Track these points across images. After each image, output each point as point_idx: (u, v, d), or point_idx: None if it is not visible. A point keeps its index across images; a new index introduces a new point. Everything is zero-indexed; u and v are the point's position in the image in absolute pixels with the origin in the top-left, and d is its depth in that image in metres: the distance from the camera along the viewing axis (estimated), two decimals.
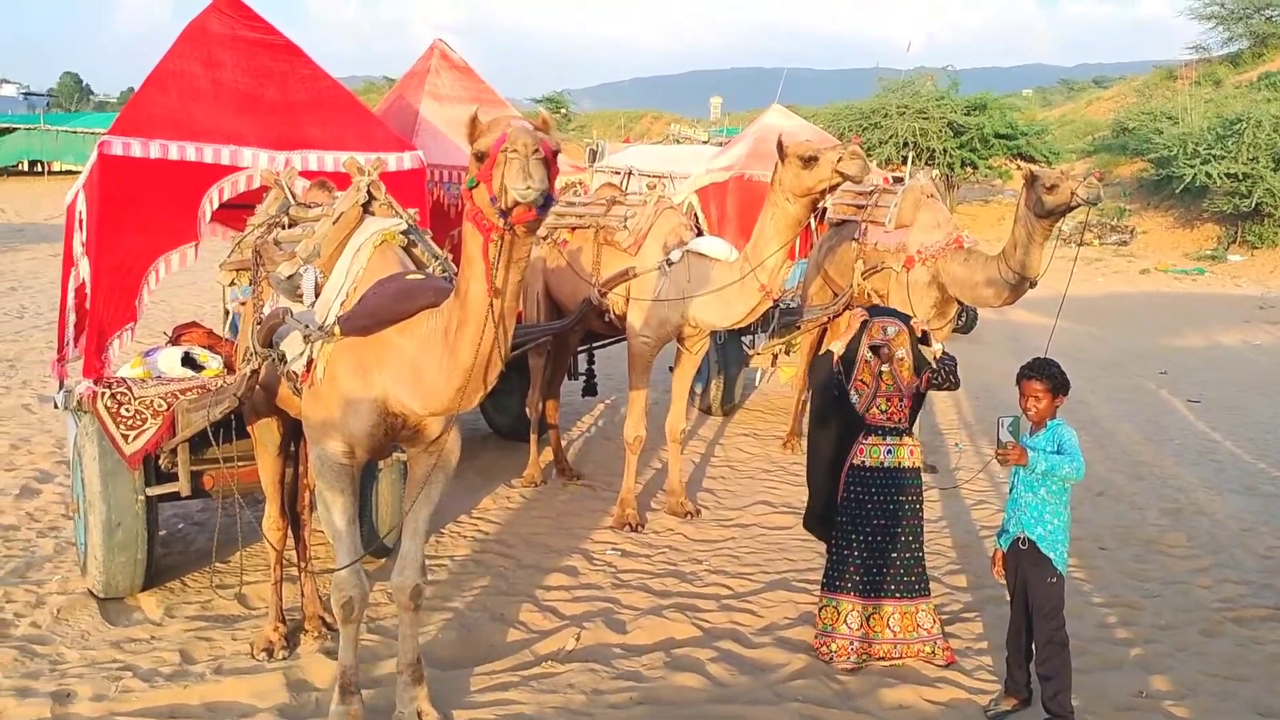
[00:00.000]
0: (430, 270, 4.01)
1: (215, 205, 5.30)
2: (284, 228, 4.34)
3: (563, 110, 72.07)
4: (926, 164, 30.14)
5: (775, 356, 9.98)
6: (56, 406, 5.55)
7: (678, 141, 39.88)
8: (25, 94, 62.05)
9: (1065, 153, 34.00)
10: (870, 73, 35.88)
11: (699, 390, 10.13)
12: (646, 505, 7.20)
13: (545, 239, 7.41)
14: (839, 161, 5.60)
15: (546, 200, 3.09)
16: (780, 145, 5.89)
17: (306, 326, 3.74)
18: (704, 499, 7.53)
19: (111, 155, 4.98)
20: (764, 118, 10.25)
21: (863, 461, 4.88)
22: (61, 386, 5.48)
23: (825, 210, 9.07)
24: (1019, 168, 7.02)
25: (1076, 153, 36.44)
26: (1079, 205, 6.75)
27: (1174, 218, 27.29)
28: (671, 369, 7.21)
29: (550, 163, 3.07)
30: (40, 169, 40.63)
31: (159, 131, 5.13)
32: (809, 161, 5.71)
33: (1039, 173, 6.90)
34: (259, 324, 4.07)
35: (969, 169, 30.73)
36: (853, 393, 4.87)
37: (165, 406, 4.91)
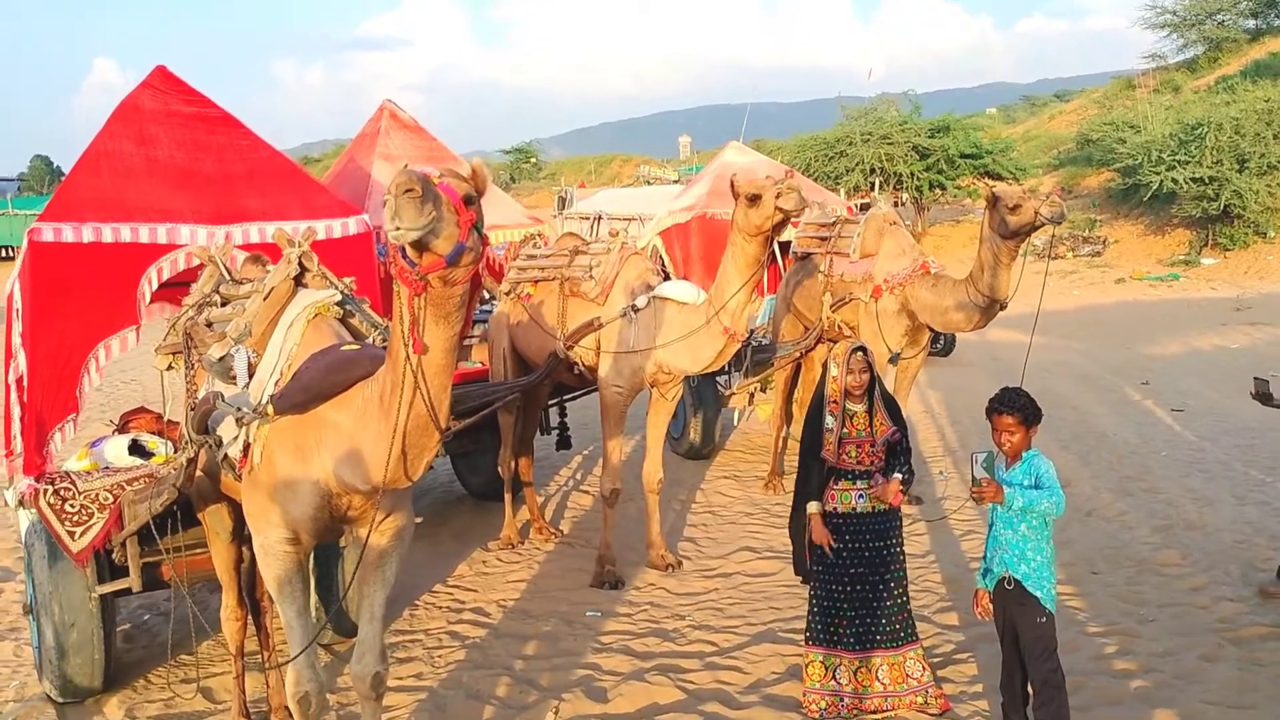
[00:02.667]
0: (370, 340, 3.85)
1: (155, 286, 5.13)
2: (216, 306, 4.17)
3: (532, 159, 72.42)
4: (895, 188, 30.25)
5: (752, 395, 9.85)
6: (7, 504, 5.34)
7: (648, 183, 40.04)
8: None
9: (1031, 168, 34.21)
10: (833, 102, 36.10)
11: (677, 434, 9.96)
12: (627, 559, 6.99)
13: (508, 294, 7.27)
14: (778, 197, 5.50)
15: (457, 249, 2.92)
16: (733, 185, 5.78)
17: (239, 409, 3.56)
18: (685, 548, 7.33)
19: (41, 242, 4.82)
20: (722, 155, 10.19)
21: (834, 508, 4.71)
22: (11, 483, 5.28)
23: (790, 244, 9.01)
24: (986, 185, 6.94)
25: (1042, 167, 36.67)
26: (1043, 224, 6.66)
27: (1145, 225, 27.37)
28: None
29: (448, 204, 2.89)
30: (8, 254, 40.30)
31: (91, 214, 4.98)
32: (754, 200, 5.62)
33: (1001, 193, 6.80)
34: (193, 409, 3.89)
35: (937, 190, 30.83)
36: (826, 416, 4.70)
37: (111, 499, 4.71)
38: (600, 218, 21.35)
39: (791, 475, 9.18)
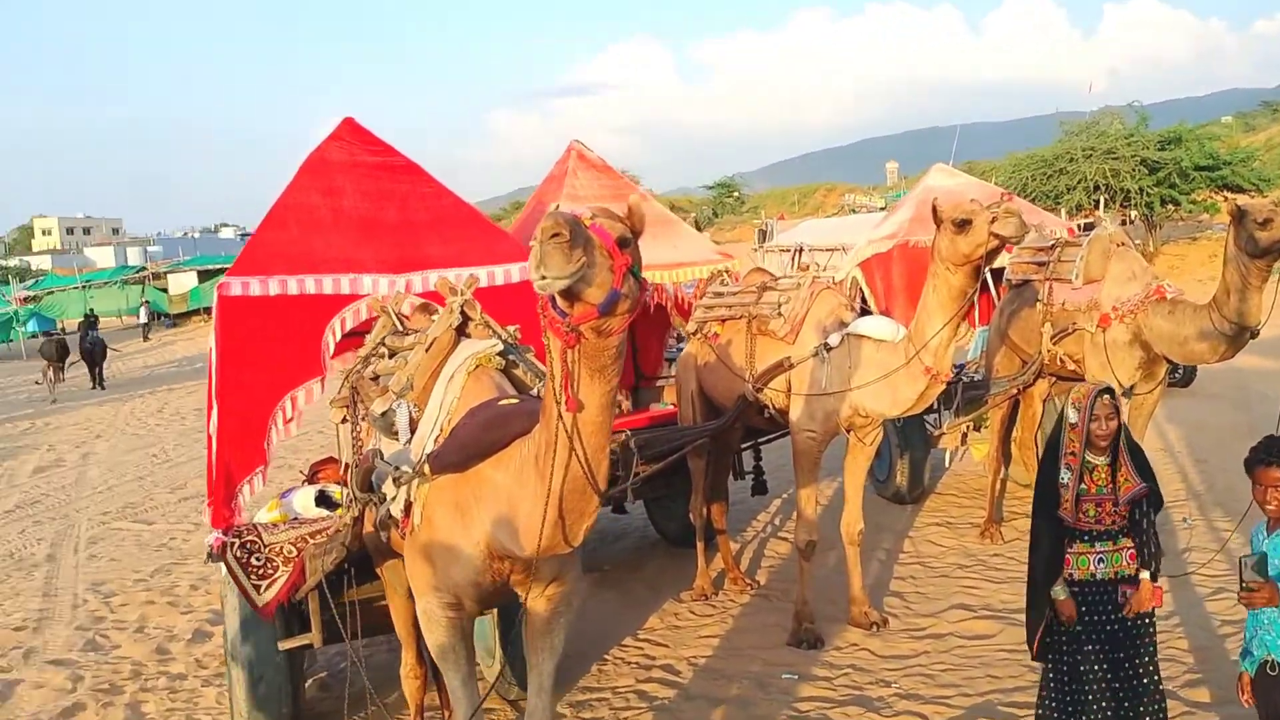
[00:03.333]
0: (535, 391, 3.62)
1: (339, 336, 5.13)
2: (384, 358, 4.07)
3: (735, 194, 72.57)
4: (1122, 206, 28.25)
5: (964, 435, 9.15)
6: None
7: (853, 211, 39.07)
8: (243, 235, 67.03)
9: (1277, 179, 31.28)
10: (1051, 119, 34.12)
11: (882, 477, 9.38)
12: (827, 614, 6.52)
13: (695, 334, 6.99)
14: (993, 223, 4.95)
15: (611, 297, 2.64)
16: (935, 210, 5.29)
17: (397, 468, 3.40)
18: (891, 604, 6.77)
19: (230, 296, 4.90)
20: (926, 179, 9.59)
21: (1069, 574, 4.11)
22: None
23: (1003, 271, 8.34)
24: (1225, 199, 6.15)
25: None
26: None
27: None
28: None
29: (600, 248, 2.62)
30: None
31: (278, 267, 5.03)
32: (962, 226, 5.09)
33: (1248, 206, 6.01)
34: (357, 466, 3.77)
35: (1170, 207, 28.58)
36: (1062, 470, 4.11)
37: (295, 552, 4.69)
38: (801, 249, 20.92)
39: (1011, 523, 8.53)
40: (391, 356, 4.04)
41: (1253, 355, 16.70)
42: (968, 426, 8.87)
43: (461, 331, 3.74)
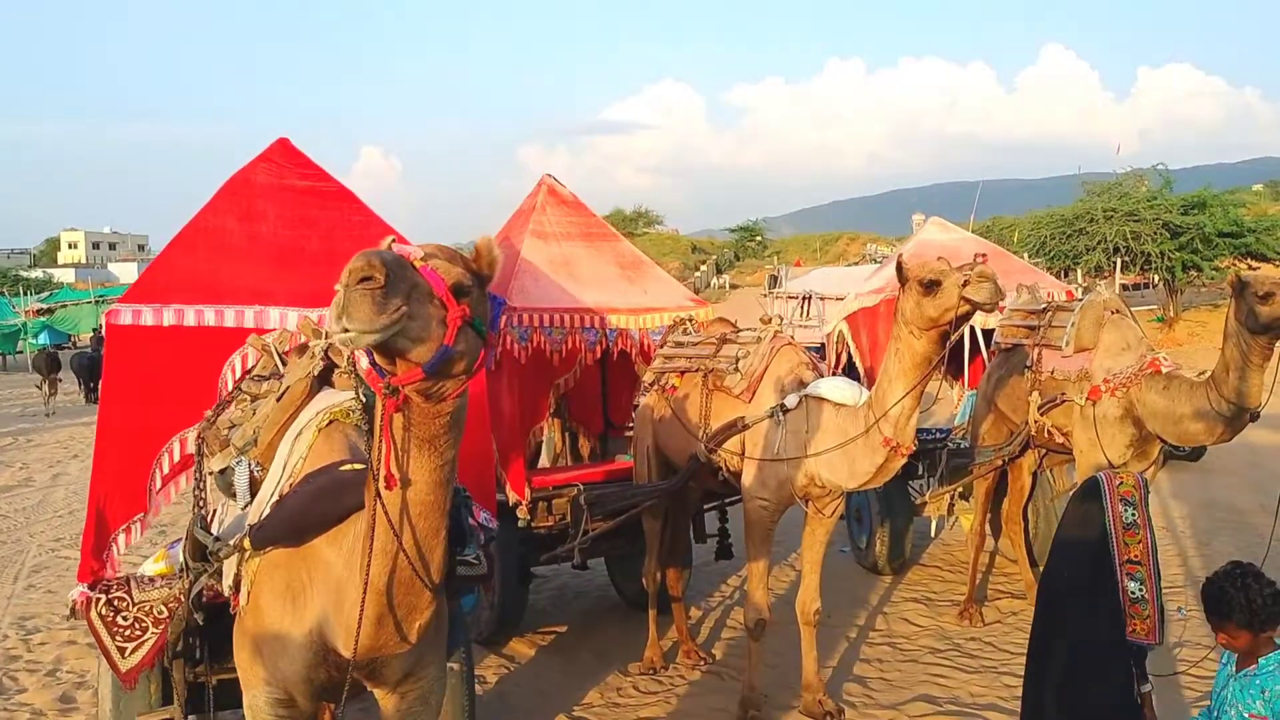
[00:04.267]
0: None
1: (239, 374, 4.69)
2: (247, 404, 3.60)
3: (757, 237, 72.32)
4: (1142, 269, 27.68)
5: (951, 503, 8.62)
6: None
7: (874, 261, 38.63)
8: None
9: None
10: (1079, 178, 33.51)
11: (862, 545, 8.86)
12: (781, 701, 5.98)
13: (653, 385, 6.53)
14: (964, 286, 4.48)
15: (441, 356, 2.20)
16: (899, 268, 4.82)
17: (216, 540, 2.93)
18: (852, 691, 6.23)
19: (118, 325, 4.48)
20: (920, 233, 9.12)
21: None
22: None
23: (993, 333, 7.87)
24: (1250, 267, 5.67)
25: None
26: None
27: None
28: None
29: (429, 296, 2.20)
30: None
31: (177, 296, 4.61)
32: (930, 288, 4.61)
33: (1249, 279, 5.53)
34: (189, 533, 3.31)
35: (1192, 272, 27.98)
36: (1127, 581, 3.49)
37: (166, 613, 4.22)
38: (809, 297, 20.46)
39: (995, 603, 7.94)
40: (253, 402, 3.59)
41: (1266, 429, 16.10)
42: (954, 495, 8.34)
43: (326, 379, 3.28)
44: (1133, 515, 3.40)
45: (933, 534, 9.67)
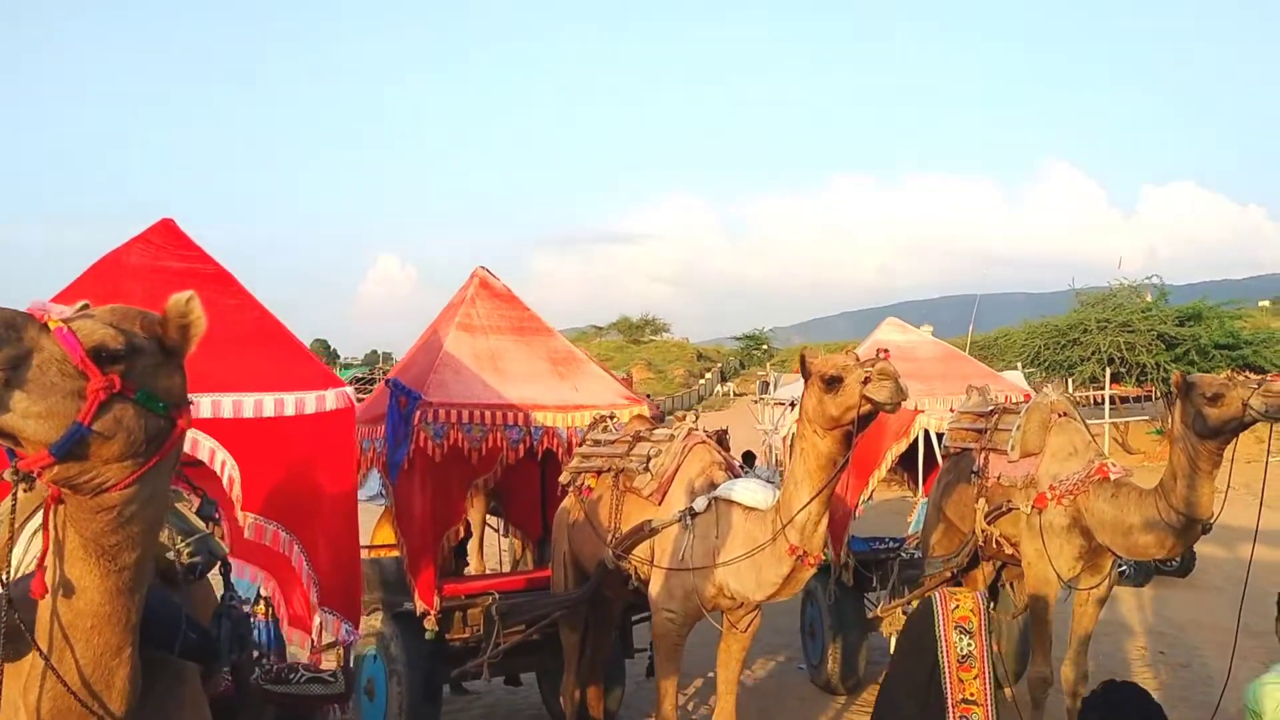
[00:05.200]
0: None
1: None
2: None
3: (763, 346, 72.33)
4: (1138, 381, 27.32)
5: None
6: None
7: None
8: None
9: None
10: (1085, 291, 33.17)
11: (815, 662, 8.34)
12: None
13: (569, 485, 6.16)
14: (865, 384, 4.14)
15: (71, 436, 1.84)
16: (803, 362, 4.49)
17: None
18: None
19: None
20: (876, 332, 8.82)
21: None
22: None
23: (942, 437, 7.51)
24: (1176, 372, 5.36)
25: None
26: (1255, 421, 4.98)
27: None
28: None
29: (52, 362, 1.86)
30: None
31: None
32: (832, 384, 4.27)
33: (1196, 379, 5.19)
34: None
35: None
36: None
37: None
38: (794, 403, 20.11)
39: None
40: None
41: (1263, 545, 15.53)
42: (905, 607, 7.86)
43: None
44: (969, 646, 2.99)
45: (890, 650, 9.13)
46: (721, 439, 5.89)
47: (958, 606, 3.02)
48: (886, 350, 4.27)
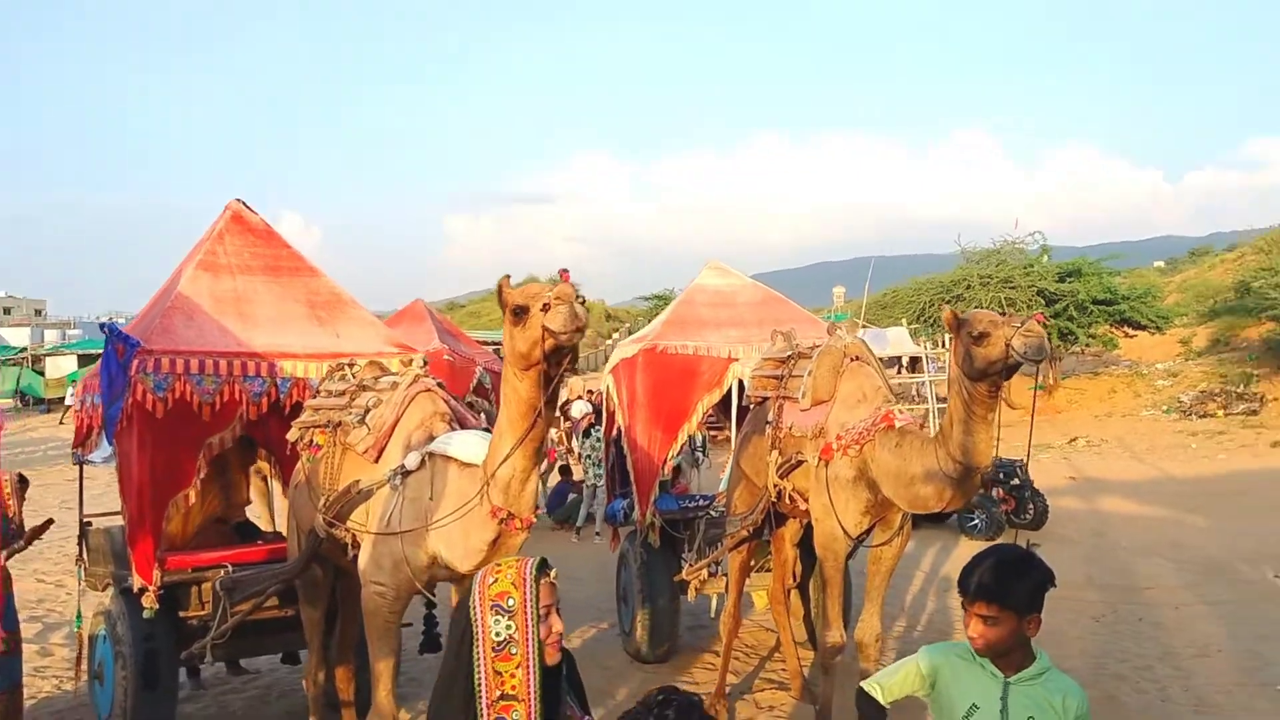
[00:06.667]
0: None
1: None
2: None
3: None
4: None
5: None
6: None
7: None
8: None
9: (1180, 316, 30.93)
10: (971, 249, 33.12)
11: (627, 630, 7.83)
12: None
13: (299, 442, 5.44)
14: (544, 311, 3.52)
15: None
16: (500, 293, 3.84)
17: None
18: None
19: None
20: (698, 277, 8.23)
21: None
22: None
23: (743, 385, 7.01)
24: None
25: (1195, 315, 33.22)
26: (1018, 363, 4.51)
27: None
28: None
29: None
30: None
31: None
32: (519, 315, 3.65)
33: (967, 316, 4.68)
34: None
35: (1069, 340, 27.85)
36: None
37: None
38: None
39: (755, 696, 6.71)
40: None
41: (1117, 497, 15.56)
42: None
43: None
44: (508, 628, 2.40)
45: (712, 614, 8.67)
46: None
47: (496, 581, 2.42)
48: (566, 270, 3.65)
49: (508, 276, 3.77)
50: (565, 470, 14.04)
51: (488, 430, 4.45)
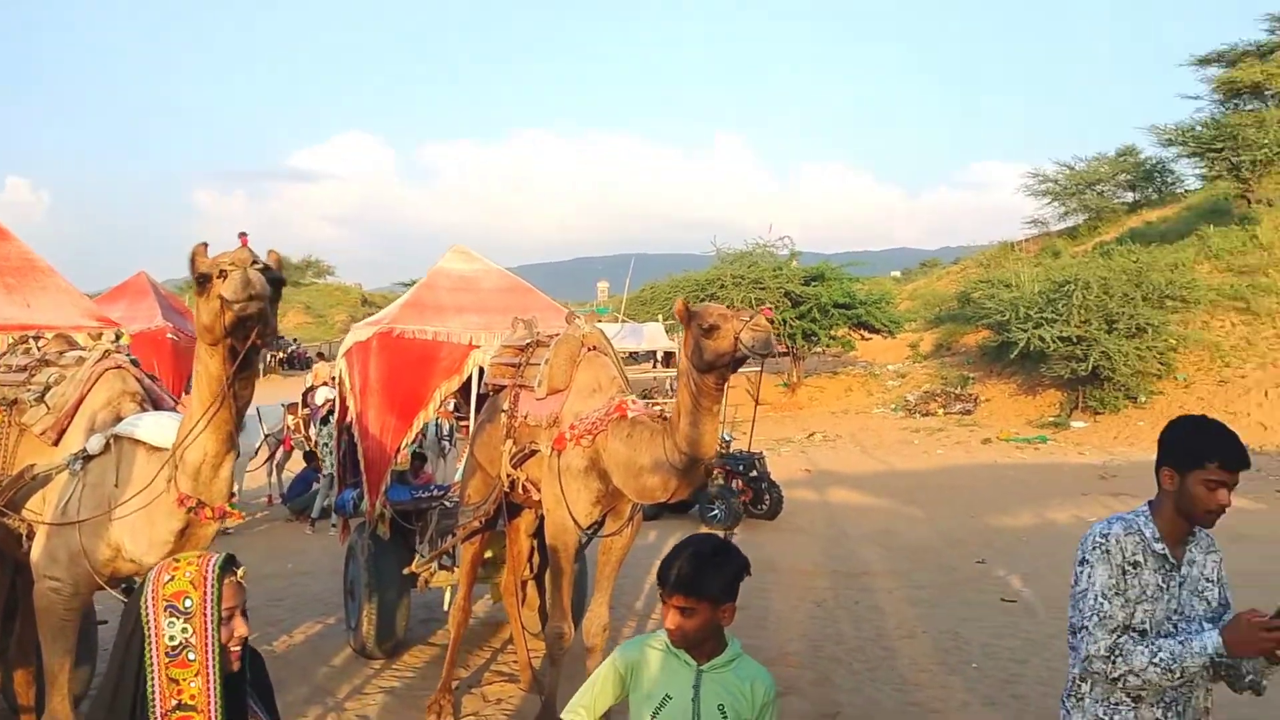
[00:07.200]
0: None
1: None
2: None
3: None
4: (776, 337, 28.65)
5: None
6: None
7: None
8: None
9: (907, 322, 33.24)
10: (725, 250, 34.26)
11: (353, 624, 7.51)
12: None
13: None
14: (220, 278, 3.26)
15: None
16: (192, 261, 3.51)
17: None
18: None
19: None
20: (441, 260, 7.99)
21: None
22: None
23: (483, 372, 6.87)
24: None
25: (923, 322, 35.80)
26: (746, 357, 4.60)
27: (1016, 384, 26.09)
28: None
29: None
30: None
31: None
32: (202, 283, 3.36)
33: (698, 309, 4.72)
34: None
35: (811, 340, 29.40)
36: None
37: None
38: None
39: (484, 689, 6.51)
40: None
41: (846, 488, 16.51)
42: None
43: None
44: (184, 632, 2.20)
45: (446, 606, 8.49)
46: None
47: (173, 579, 2.20)
48: (245, 234, 3.37)
49: (204, 245, 3.45)
50: (310, 457, 13.44)
51: (173, 412, 4.09)
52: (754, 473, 13.40)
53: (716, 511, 12.82)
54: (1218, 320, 24.47)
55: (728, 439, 13.62)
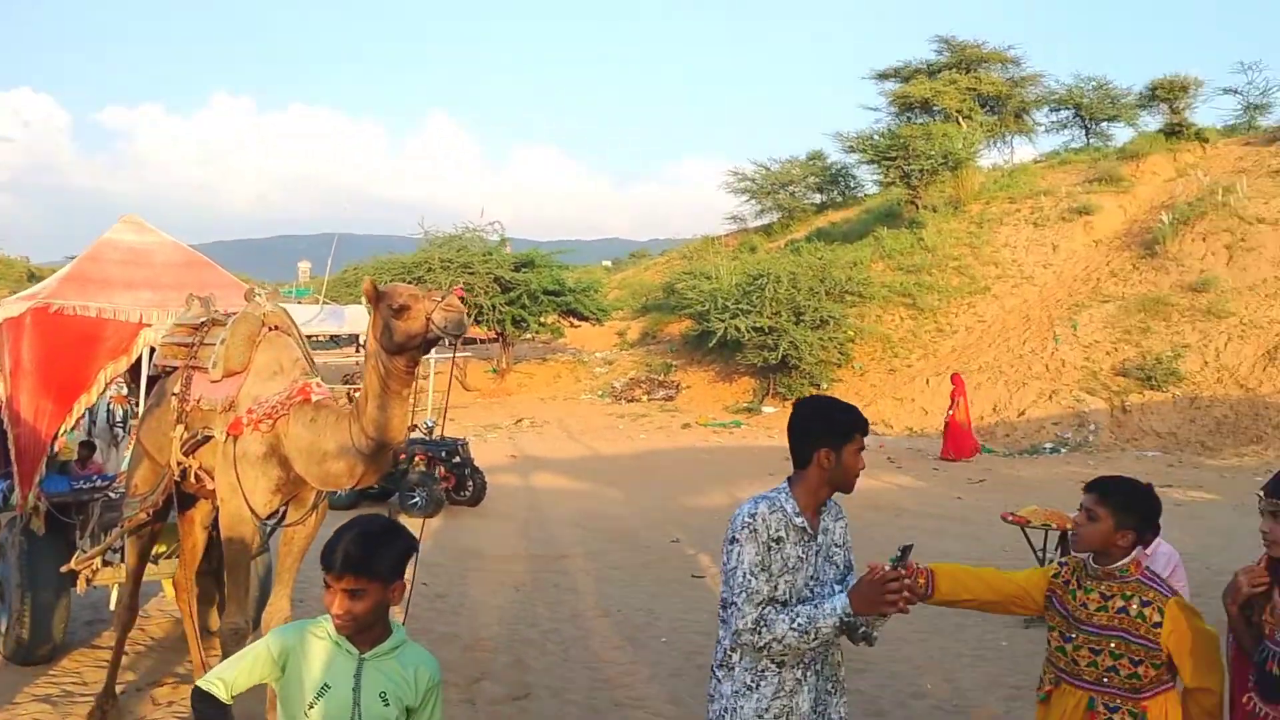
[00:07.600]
0: None
1: None
2: None
3: None
4: (475, 322, 28.51)
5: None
6: None
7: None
8: None
9: (615, 310, 34.13)
10: (433, 233, 33.69)
11: (4, 628, 6.76)
12: None
13: None
14: None
15: None
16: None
17: None
18: None
19: None
20: (109, 231, 7.32)
21: None
22: None
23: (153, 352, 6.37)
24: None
25: (630, 311, 36.89)
26: (438, 338, 4.53)
27: (715, 372, 27.47)
28: None
29: None
30: None
31: None
32: None
33: (388, 289, 4.59)
34: None
35: (520, 326, 29.54)
36: None
37: None
38: None
39: (153, 693, 6.05)
40: None
41: (552, 474, 16.74)
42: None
43: None
44: None
45: (110, 606, 7.84)
46: None
47: None
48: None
49: None
50: None
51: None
52: (457, 459, 13.30)
53: (417, 499, 12.61)
54: (889, 314, 26.84)
55: (430, 425, 13.44)
